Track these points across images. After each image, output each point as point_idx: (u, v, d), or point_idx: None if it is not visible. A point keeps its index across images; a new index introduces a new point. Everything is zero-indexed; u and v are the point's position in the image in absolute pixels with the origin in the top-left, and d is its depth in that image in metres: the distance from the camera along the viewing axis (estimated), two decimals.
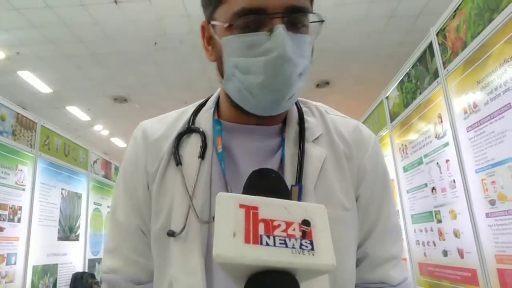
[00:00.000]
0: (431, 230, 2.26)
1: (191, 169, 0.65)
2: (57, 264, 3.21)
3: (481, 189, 1.73)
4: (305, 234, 0.37)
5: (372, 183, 0.70)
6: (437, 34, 2.08)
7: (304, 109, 0.73)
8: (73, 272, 3.45)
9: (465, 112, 1.83)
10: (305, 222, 0.38)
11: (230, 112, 0.69)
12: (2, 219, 2.50)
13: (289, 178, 0.63)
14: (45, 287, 3.01)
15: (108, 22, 4.41)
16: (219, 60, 0.65)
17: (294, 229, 0.37)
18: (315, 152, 0.67)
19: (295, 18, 0.60)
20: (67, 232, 3.44)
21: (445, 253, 2.11)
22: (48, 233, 3.11)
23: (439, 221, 2.16)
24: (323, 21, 0.63)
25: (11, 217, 2.60)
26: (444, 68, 2.01)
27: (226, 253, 0.34)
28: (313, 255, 0.37)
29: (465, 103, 1.83)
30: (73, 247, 3.54)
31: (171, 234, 0.61)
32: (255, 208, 0.37)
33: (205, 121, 0.70)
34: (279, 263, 0.35)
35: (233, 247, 0.35)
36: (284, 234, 0.37)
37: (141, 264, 0.68)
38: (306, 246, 0.37)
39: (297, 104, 0.73)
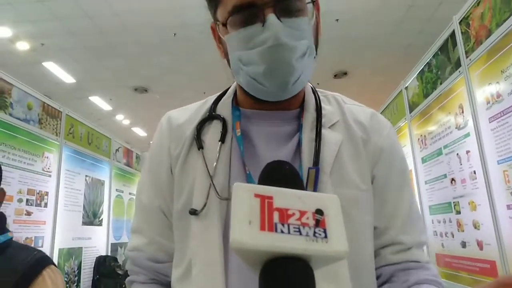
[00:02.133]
0: (450, 221, 2.24)
1: (212, 152, 0.68)
2: (81, 248, 3.33)
3: (502, 181, 1.70)
4: (318, 223, 0.38)
5: (389, 164, 0.71)
6: (460, 23, 2.03)
7: (321, 97, 0.75)
8: (97, 256, 3.58)
9: (488, 102, 1.79)
10: (319, 211, 0.39)
11: (246, 100, 0.73)
12: (30, 204, 2.61)
13: (306, 161, 0.65)
14: (71, 270, 3.14)
15: (129, 13, 4.46)
16: (227, 57, 0.70)
17: (307, 218, 0.38)
18: (331, 137, 0.69)
19: (287, 4, 0.62)
20: (91, 217, 3.56)
21: (463, 245, 2.09)
22: (73, 218, 3.23)
23: (458, 212, 2.13)
24: (314, 1, 0.66)
25: (38, 202, 2.72)
26: (467, 57, 1.96)
27: (242, 239, 0.36)
28: (326, 242, 0.37)
29: (487, 93, 1.79)
30: (97, 231, 3.66)
31: (193, 212, 0.65)
32: (270, 197, 0.38)
33: (224, 108, 0.74)
34: (293, 250, 0.36)
35: (249, 234, 0.36)
36: (298, 222, 0.37)
37: (162, 244, 0.72)
38: (320, 234, 0.37)
39: (314, 92, 0.75)
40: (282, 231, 0.36)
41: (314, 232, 0.37)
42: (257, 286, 0.37)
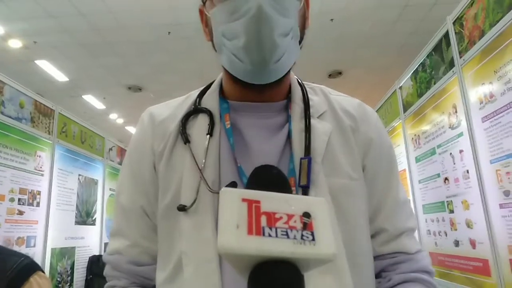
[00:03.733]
0: (443, 220, 2.25)
1: (199, 146, 0.66)
2: (74, 247, 3.31)
3: (495, 180, 1.71)
4: (306, 226, 0.38)
5: (378, 154, 0.71)
6: (453, 23, 2.04)
7: (307, 89, 0.75)
8: (90, 255, 3.56)
9: (481, 102, 1.80)
10: (306, 215, 0.39)
11: (233, 90, 0.71)
12: (22, 203, 2.59)
13: (297, 151, 0.65)
14: (63, 269, 3.12)
15: (123, 11, 4.43)
16: (212, 36, 0.67)
17: (295, 221, 0.38)
18: (321, 127, 0.68)
19: None
20: (84, 216, 3.53)
21: (456, 243, 2.10)
22: (66, 217, 3.20)
23: (451, 211, 2.15)
24: None
25: (31, 201, 2.69)
26: (460, 57, 1.97)
27: (229, 244, 0.35)
28: (314, 245, 0.37)
29: (481, 93, 1.80)
30: (90, 231, 3.64)
31: (182, 208, 0.63)
32: (257, 201, 0.38)
33: (211, 101, 0.72)
34: (281, 253, 0.36)
35: (237, 238, 0.36)
36: (286, 226, 0.37)
37: (144, 246, 0.70)
38: (307, 237, 0.37)
39: (300, 84, 0.75)
40: (269, 235, 0.36)
41: (302, 235, 0.37)
42: None
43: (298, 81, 0.76)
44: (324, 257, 0.38)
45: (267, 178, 0.44)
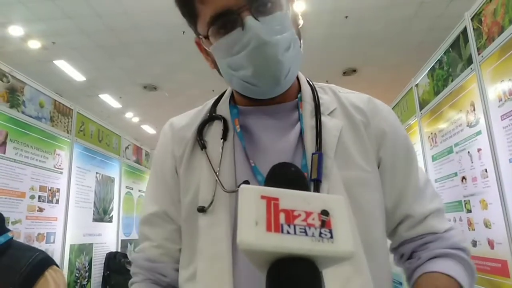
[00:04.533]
0: (460, 219, 2.21)
1: (215, 150, 0.70)
2: (92, 244, 3.38)
3: None
4: (324, 223, 0.38)
5: (393, 144, 0.72)
6: (472, 19, 2.00)
7: (317, 88, 0.77)
8: (107, 252, 3.62)
9: (500, 100, 1.76)
10: (324, 212, 0.39)
11: (243, 99, 0.74)
12: (42, 200, 2.65)
13: (309, 148, 0.67)
14: (82, 265, 3.18)
15: (138, 12, 4.49)
16: (217, 67, 0.72)
17: (313, 219, 0.38)
18: (331, 123, 0.70)
19: (261, 4, 0.63)
20: (102, 213, 3.60)
21: (474, 244, 2.06)
22: (84, 214, 3.27)
23: (469, 211, 2.11)
24: None
25: (50, 198, 2.76)
26: (479, 54, 1.93)
27: (249, 240, 0.36)
28: (332, 243, 0.38)
29: (500, 90, 1.76)
30: (107, 228, 3.70)
31: (201, 209, 0.66)
32: (276, 199, 0.38)
33: (223, 108, 0.76)
34: (299, 250, 0.37)
35: (256, 235, 0.36)
36: (304, 223, 0.38)
37: (167, 248, 0.74)
38: (325, 235, 0.38)
39: (310, 83, 0.77)
40: (288, 232, 0.37)
41: (320, 233, 0.38)
42: (265, 284, 0.38)
43: (308, 81, 0.78)
44: (342, 255, 0.38)
45: (285, 176, 0.45)
